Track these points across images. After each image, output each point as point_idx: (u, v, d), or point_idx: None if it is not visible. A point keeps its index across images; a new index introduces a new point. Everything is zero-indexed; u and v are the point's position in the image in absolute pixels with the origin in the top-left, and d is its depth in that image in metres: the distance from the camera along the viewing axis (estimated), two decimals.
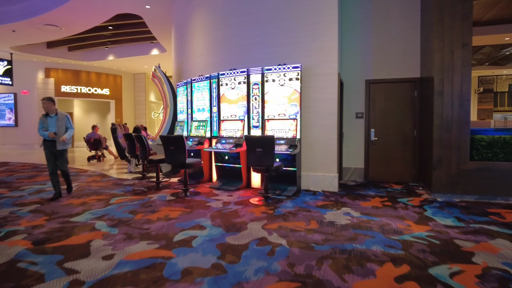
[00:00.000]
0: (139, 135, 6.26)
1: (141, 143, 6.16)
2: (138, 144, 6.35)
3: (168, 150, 5.26)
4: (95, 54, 16.18)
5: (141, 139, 6.15)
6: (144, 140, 6.20)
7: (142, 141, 6.19)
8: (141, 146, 6.17)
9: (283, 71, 5.62)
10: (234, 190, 5.74)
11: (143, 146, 6.11)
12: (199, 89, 6.82)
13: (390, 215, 4.20)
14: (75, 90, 17.23)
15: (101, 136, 11.12)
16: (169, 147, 5.23)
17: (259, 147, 4.62)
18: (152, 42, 14.78)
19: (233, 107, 6.16)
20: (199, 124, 6.71)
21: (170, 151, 5.25)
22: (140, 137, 6.12)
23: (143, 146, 6.12)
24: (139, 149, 6.25)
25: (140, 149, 6.19)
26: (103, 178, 7.32)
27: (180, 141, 5.11)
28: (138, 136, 6.17)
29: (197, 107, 6.90)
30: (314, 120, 5.75)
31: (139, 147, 6.25)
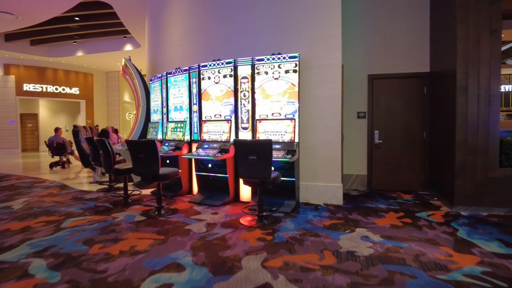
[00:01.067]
0: (101, 139, 5.16)
1: (104, 149, 5.07)
2: (101, 150, 5.25)
3: (136, 158, 4.21)
4: (62, 49, 14.75)
5: (103, 145, 5.05)
6: (108, 145, 5.09)
7: (106, 147, 5.09)
8: (104, 153, 5.08)
9: (278, 62, 4.70)
10: (220, 205, 4.76)
11: (107, 153, 5.02)
12: (176, 84, 5.80)
13: (418, 239, 3.34)
14: (40, 89, 15.70)
15: (66, 140, 9.84)
16: (137, 155, 4.18)
17: (252, 154, 3.67)
18: (125, 36, 13.55)
19: (217, 105, 5.17)
20: (176, 126, 5.69)
21: (139, 160, 4.21)
22: (103, 142, 5.02)
23: (106, 153, 5.03)
24: (102, 156, 5.15)
25: (104, 157, 5.10)
26: (62, 190, 6.15)
27: (151, 147, 4.09)
28: (100, 141, 5.07)
29: (173, 105, 5.86)
30: (314, 121, 4.86)
31: (103, 154, 5.15)
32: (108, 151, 5.02)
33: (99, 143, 5.12)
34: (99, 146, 5.17)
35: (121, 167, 5.01)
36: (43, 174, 8.50)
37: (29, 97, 15.63)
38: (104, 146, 5.04)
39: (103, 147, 5.06)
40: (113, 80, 18.91)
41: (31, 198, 5.47)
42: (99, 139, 5.19)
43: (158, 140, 6.22)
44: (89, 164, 6.72)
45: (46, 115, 17.26)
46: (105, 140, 5.04)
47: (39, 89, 15.68)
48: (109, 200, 5.26)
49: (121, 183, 6.49)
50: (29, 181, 7.26)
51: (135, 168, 4.31)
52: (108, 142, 5.04)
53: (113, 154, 5.02)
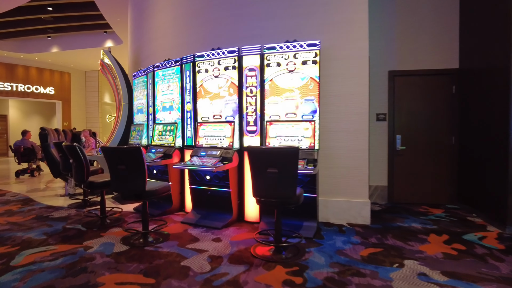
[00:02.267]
0: (71, 145, 4.16)
1: (75, 158, 4.07)
2: (71, 158, 4.25)
3: (115, 170, 3.25)
4: (34, 44, 13.46)
5: (74, 151, 4.05)
6: (80, 152, 4.10)
7: (77, 154, 4.09)
8: (75, 161, 4.08)
9: (294, 51, 3.84)
10: (222, 227, 3.84)
11: (78, 161, 4.02)
12: (165, 79, 4.86)
13: (493, 277, 2.54)
14: (9, 88, 14.33)
15: (35, 144, 8.66)
16: (116, 166, 3.22)
17: (272, 166, 2.78)
18: (105, 31, 12.44)
19: (217, 103, 4.27)
20: (166, 128, 4.74)
21: (118, 172, 3.24)
22: (73, 148, 4.02)
23: (78, 161, 4.03)
24: (73, 166, 4.14)
25: (75, 167, 4.09)
26: (24, 206, 5.07)
27: (135, 156, 3.14)
28: (70, 147, 4.07)
29: (162, 104, 4.92)
30: (335, 123, 4.03)
31: (73, 163, 4.14)
32: (80, 159, 4.01)
33: (68, 150, 4.11)
34: (68, 154, 4.16)
35: (97, 179, 4.02)
36: (7, 184, 7.32)
37: None
38: (75, 153, 4.04)
39: (74, 155, 4.05)
40: (92, 80, 17.65)
41: None
42: (68, 145, 4.18)
43: (143, 145, 5.25)
44: (59, 173, 5.66)
45: (16, 117, 15.83)
46: (76, 146, 4.04)
47: (8, 88, 14.30)
48: (82, 220, 4.25)
49: (99, 197, 5.46)
50: None
51: (114, 184, 3.34)
52: (80, 149, 4.03)
53: (86, 163, 4.02)
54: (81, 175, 3.89)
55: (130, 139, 5.67)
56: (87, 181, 3.84)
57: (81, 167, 3.87)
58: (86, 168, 3.79)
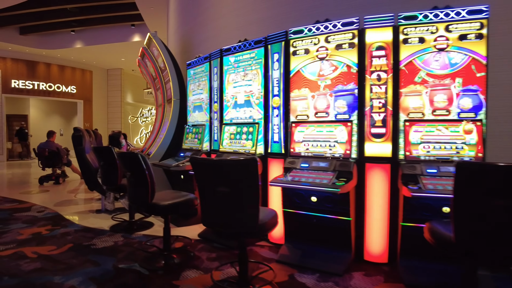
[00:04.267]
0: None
1: (134, 171, 2.96)
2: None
3: (211, 193, 2.10)
4: (57, 39, 12.59)
5: (134, 163, 2.96)
6: (144, 164, 3.02)
7: (138, 167, 3.01)
8: (135, 176, 2.96)
9: (446, 21, 2.66)
10: (343, 273, 2.65)
11: (140, 177, 2.91)
12: (239, 66, 3.72)
13: None
14: (31, 87, 13.51)
15: (61, 147, 7.66)
16: (213, 187, 2.07)
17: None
18: (133, 25, 11.46)
19: (322, 96, 3.10)
20: (240, 130, 3.61)
21: (216, 198, 2.10)
22: (133, 157, 2.92)
23: (139, 177, 2.91)
24: (130, 182, 3.02)
25: (132, 183, 2.93)
26: (54, 227, 3.99)
27: (249, 172, 1.99)
28: (128, 156, 2.97)
29: (234, 98, 3.78)
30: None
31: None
32: (143, 174, 2.88)
33: (124, 159, 2.98)
34: (124, 165, 3.03)
35: (162, 200, 2.88)
36: (30, 193, 6.31)
37: (18, 95, 13.40)
38: (134, 164, 2.92)
39: (132, 167, 2.94)
40: (115, 78, 16.76)
41: (2, 246, 3.31)
42: (124, 153, 3.08)
43: (204, 151, 4.13)
44: (96, 185, 4.57)
45: (37, 117, 15.02)
46: (138, 155, 2.92)
47: (30, 87, 13.47)
48: (136, 253, 3.12)
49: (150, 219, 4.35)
50: (8, 206, 5.07)
51: (208, 214, 2.20)
52: (144, 159, 2.94)
53: (151, 181, 2.89)
54: (143, 195, 2.74)
55: (184, 143, 4.56)
56: (150, 204, 2.69)
57: (144, 184, 2.72)
58: (151, 187, 2.64)
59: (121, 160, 2.79)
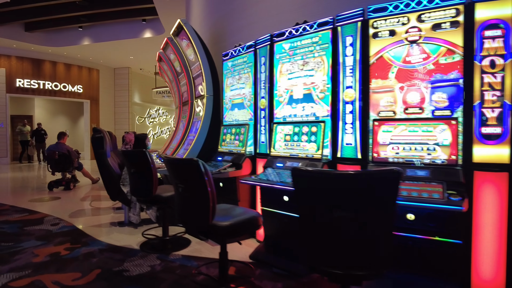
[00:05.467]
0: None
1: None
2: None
3: (329, 219, 1.49)
4: (64, 36, 12.03)
5: (143, 159, 2.45)
6: (149, 158, 2.56)
7: (147, 163, 2.49)
8: (138, 173, 2.44)
9: None
10: None
11: (147, 174, 2.40)
12: (295, 53, 3.12)
13: None
14: (36, 86, 12.95)
15: (72, 150, 7.07)
16: (330, 207, 1.46)
17: None
18: (144, 20, 10.88)
19: (413, 87, 2.49)
20: (298, 130, 3.01)
21: (336, 223, 1.49)
22: (143, 155, 2.40)
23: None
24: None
25: (186, 198, 2.31)
26: (75, 244, 3.39)
27: (389, 189, 1.37)
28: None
29: (288, 93, 3.18)
30: None
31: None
32: (202, 187, 2.29)
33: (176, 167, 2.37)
34: (173, 174, 2.43)
35: (221, 220, 2.26)
36: (41, 201, 5.71)
37: (23, 95, 12.85)
38: (144, 161, 2.39)
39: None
40: (122, 77, 16.19)
41: (15, 273, 2.71)
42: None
43: (248, 154, 3.53)
44: (119, 194, 3.96)
45: (43, 118, 14.43)
46: (198, 164, 2.36)
47: (35, 86, 12.90)
48: (181, 282, 2.51)
49: (181, 229, 3.74)
50: (17, 217, 4.48)
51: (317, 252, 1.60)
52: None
53: (212, 198, 2.30)
54: (200, 214, 2.11)
55: (220, 145, 3.95)
56: (210, 225, 2.08)
57: (202, 201, 2.09)
58: (212, 204, 2.01)
59: (171, 167, 2.18)
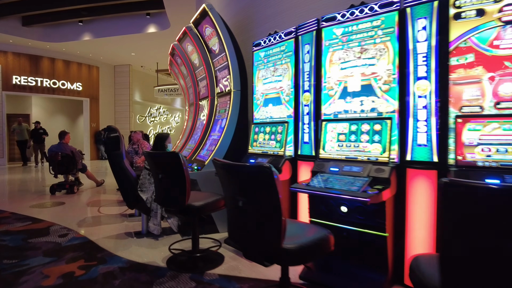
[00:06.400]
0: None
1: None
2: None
3: None
4: (63, 31, 11.48)
5: (175, 163, 2.13)
6: (183, 163, 2.21)
7: (179, 168, 2.18)
8: (168, 179, 2.03)
9: None
10: None
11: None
12: (350, 39, 2.68)
13: None
14: (34, 83, 12.40)
15: (75, 150, 6.59)
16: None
17: None
18: (148, 14, 10.38)
19: (509, 80, 2.05)
20: (356, 129, 2.59)
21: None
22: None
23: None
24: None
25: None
26: (90, 261, 2.93)
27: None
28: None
29: (340, 85, 2.73)
30: None
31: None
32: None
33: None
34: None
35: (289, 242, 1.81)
36: (43, 206, 5.23)
37: (20, 93, 12.28)
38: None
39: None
40: (122, 75, 15.66)
41: None
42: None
43: (287, 157, 3.09)
44: (138, 201, 3.50)
45: (40, 117, 13.85)
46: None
47: (33, 83, 12.34)
48: None
49: (208, 237, 3.29)
50: (20, 227, 4.00)
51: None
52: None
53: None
54: (267, 234, 1.65)
55: (251, 146, 3.51)
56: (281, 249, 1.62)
57: (268, 216, 1.63)
58: (284, 224, 1.56)
59: (228, 175, 1.73)
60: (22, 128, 11.50)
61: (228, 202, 1.81)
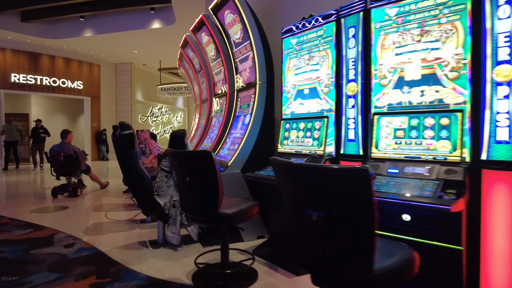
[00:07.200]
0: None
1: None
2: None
3: None
4: (64, 27, 11.08)
5: (207, 163, 1.83)
6: (216, 164, 1.92)
7: (211, 169, 1.94)
8: (196, 183, 1.74)
9: None
10: None
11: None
12: (407, 19, 2.30)
13: None
14: (33, 82, 12.00)
15: (79, 150, 6.19)
16: None
17: None
18: (152, 8, 9.99)
19: None
20: (417, 123, 2.20)
21: None
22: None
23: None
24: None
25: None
26: (104, 278, 2.54)
27: None
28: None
29: (395, 72, 2.35)
30: None
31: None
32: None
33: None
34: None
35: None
36: (44, 211, 4.84)
37: (18, 91, 11.88)
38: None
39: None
40: (124, 74, 15.28)
41: None
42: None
43: (328, 156, 2.71)
44: (154, 206, 3.11)
45: (40, 116, 13.43)
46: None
47: (32, 81, 11.95)
48: None
49: (248, 260, 2.91)
50: (20, 235, 3.60)
51: None
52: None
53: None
54: (358, 258, 1.27)
55: (280, 144, 3.12)
56: (372, 275, 1.25)
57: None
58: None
59: (297, 177, 1.35)
60: (11, 127, 10.30)
61: (293, 214, 1.42)
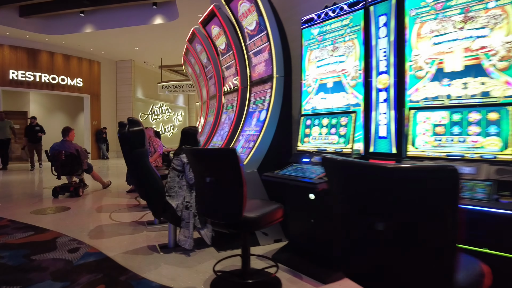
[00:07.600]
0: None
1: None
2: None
3: None
4: (63, 23, 10.83)
5: (233, 164, 1.74)
6: (240, 163, 1.78)
7: (236, 169, 1.78)
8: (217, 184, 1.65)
9: None
10: None
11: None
12: (448, 5, 2.09)
13: None
14: (32, 78, 11.74)
15: (81, 148, 5.97)
16: None
17: None
18: (155, 4, 9.75)
19: None
20: (462, 118, 1.98)
21: None
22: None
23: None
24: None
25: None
26: None
27: None
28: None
29: (430, 63, 2.13)
30: None
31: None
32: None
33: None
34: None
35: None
36: (45, 213, 4.62)
37: (17, 88, 11.63)
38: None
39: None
40: (124, 71, 15.03)
41: None
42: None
43: (356, 155, 2.50)
44: (165, 208, 2.90)
45: (38, 114, 13.15)
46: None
47: (31, 78, 11.69)
48: None
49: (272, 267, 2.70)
50: (20, 239, 3.38)
51: None
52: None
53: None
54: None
55: (302, 142, 2.91)
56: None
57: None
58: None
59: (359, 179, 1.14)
60: (4, 124, 9.57)
61: (350, 221, 1.21)
